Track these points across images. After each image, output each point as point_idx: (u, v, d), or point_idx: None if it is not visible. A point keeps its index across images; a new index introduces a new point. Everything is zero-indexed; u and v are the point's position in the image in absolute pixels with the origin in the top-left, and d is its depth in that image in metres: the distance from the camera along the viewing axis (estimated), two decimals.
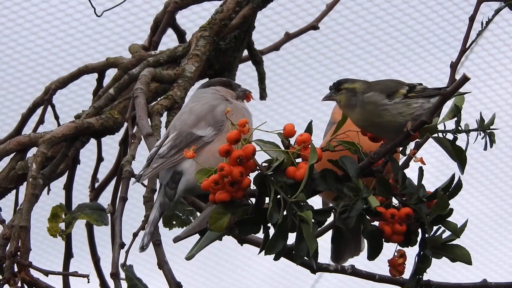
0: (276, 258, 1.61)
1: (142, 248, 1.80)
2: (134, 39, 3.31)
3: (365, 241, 1.81)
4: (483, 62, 3.80)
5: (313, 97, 3.80)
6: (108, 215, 2.28)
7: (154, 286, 2.00)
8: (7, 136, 2.52)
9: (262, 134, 1.63)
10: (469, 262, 1.66)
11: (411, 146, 1.78)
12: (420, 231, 1.66)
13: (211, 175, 1.57)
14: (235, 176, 1.56)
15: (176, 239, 1.76)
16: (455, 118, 1.67)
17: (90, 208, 2.29)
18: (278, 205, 1.57)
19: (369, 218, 1.65)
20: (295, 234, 1.58)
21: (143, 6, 3.45)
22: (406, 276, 1.70)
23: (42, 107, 2.49)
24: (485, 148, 1.70)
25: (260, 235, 1.62)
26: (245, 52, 2.63)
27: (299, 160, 1.60)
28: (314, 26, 2.86)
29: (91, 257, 2.45)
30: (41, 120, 2.49)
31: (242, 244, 1.87)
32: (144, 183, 1.98)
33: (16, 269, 1.97)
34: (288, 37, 2.87)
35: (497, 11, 1.87)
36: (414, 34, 3.68)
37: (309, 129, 1.64)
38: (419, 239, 1.67)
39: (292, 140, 1.61)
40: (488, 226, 4.30)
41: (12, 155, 2.30)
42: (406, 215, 1.63)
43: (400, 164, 1.75)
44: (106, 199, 2.50)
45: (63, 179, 2.41)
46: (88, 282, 1.98)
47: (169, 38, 2.70)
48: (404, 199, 1.67)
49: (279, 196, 1.57)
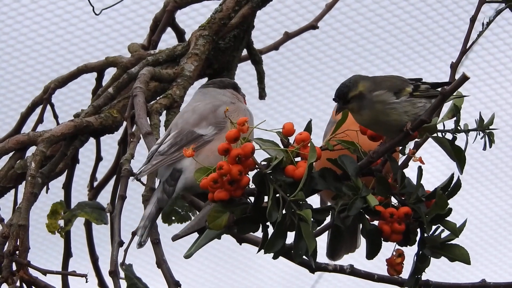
0: (275, 257, 1.61)
1: (140, 245, 1.80)
2: (133, 38, 3.32)
3: (361, 238, 1.81)
4: (483, 61, 3.79)
5: (312, 95, 3.80)
6: (108, 214, 2.28)
7: (153, 285, 2.00)
8: (6, 135, 2.52)
9: (261, 132, 1.63)
10: (467, 262, 1.65)
11: (410, 145, 1.78)
12: (419, 230, 1.66)
13: (210, 173, 1.57)
14: (234, 174, 1.55)
15: (175, 238, 1.76)
16: (455, 118, 1.67)
17: (90, 206, 2.29)
18: (277, 203, 1.56)
19: (368, 217, 1.65)
20: (294, 233, 1.58)
21: (143, 5, 3.44)
22: (404, 275, 1.69)
23: (41, 106, 2.49)
24: (484, 148, 1.70)
25: (259, 234, 1.62)
26: (244, 52, 2.63)
27: (298, 159, 1.60)
28: (313, 26, 2.86)
29: (89, 256, 2.45)
30: (40, 119, 2.49)
31: (240, 243, 1.87)
32: (143, 181, 1.98)
33: (14, 268, 1.97)
34: (288, 36, 2.86)
35: (498, 12, 1.86)
36: (414, 32, 3.67)
37: (308, 127, 1.63)
38: (418, 238, 1.66)
39: (291, 139, 1.61)
40: (488, 226, 4.30)
41: (11, 154, 2.30)
42: (405, 214, 1.63)
43: (399, 164, 1.74)
44: (105, 198, 2.49)
45: (62, 178, 2.40)
46: (87, 282, 1.98)
47: (168, 36, 2.70)
48: (403, 198, 1.66)
49: (278, 195, 1.57)
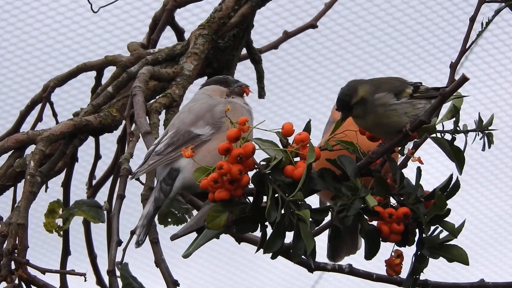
0: (273, 257, 1.60)
1: (138, 244, 1.80)
2: (133, 37, 3.31)
3: (362, 239, 1.81)
4: (483, 62, 3.79)
5: (312, 98, 3.80)
6: (105, 213, 2.28)
7: (152, 284, 2.00)
8: (5, 133, 2.52)
9: (260, 133, 1.63)
10: (466, 263, 1.65)
11: (409, 146, 1.78)
12: (417, 231, 1.66)
13: (209, 173, 1.57)
14: (234, 174, 1.55)
15: (174, 237, 1.76)
16: (454, 118, 1.67)
17: (87, 205, 2.29)
18: (276, 203, 1.56)
19: (366, 218, 1.65)
20: (292, 233, 1.58)
21: (142, 4, 3.44)
22: (403, 275, 1.69)
23: (40, 105, 2.49)
24: (483, 149, 1.70)
25: (257, 233, 1.62)
26: (243, 51, 2.63)
27: (297, 159, 1.60)
28: (312, 25, 2.86)
29: (88, 255, 2.45)
30: (39, 118, 2.49)
31: (239, 243, 1.87)
32: (142, 181, 1.98)
33: (13, 266, 1.97)
34: (287, 35, 2.86)
35: (497, 12, 1.86)
36: (413, 34, 3.67)
37: (307, 128, 1.63)
38: (416, 239, 1.66)
39: (290, 139, 1.61)
40: (487, 226, 4.29)
41: (10, 153, 2.30)
42: (404, 214, 1.63)
43: (398, 164, 1.74)
44: (103, 196, 2.49)
45: (61, 177, 2.41)
46: (85, 281, 1.98)
47: (168, 34, 2.70)
48: (402, 198, 1.66)
49: (277, 195, 1.57)
